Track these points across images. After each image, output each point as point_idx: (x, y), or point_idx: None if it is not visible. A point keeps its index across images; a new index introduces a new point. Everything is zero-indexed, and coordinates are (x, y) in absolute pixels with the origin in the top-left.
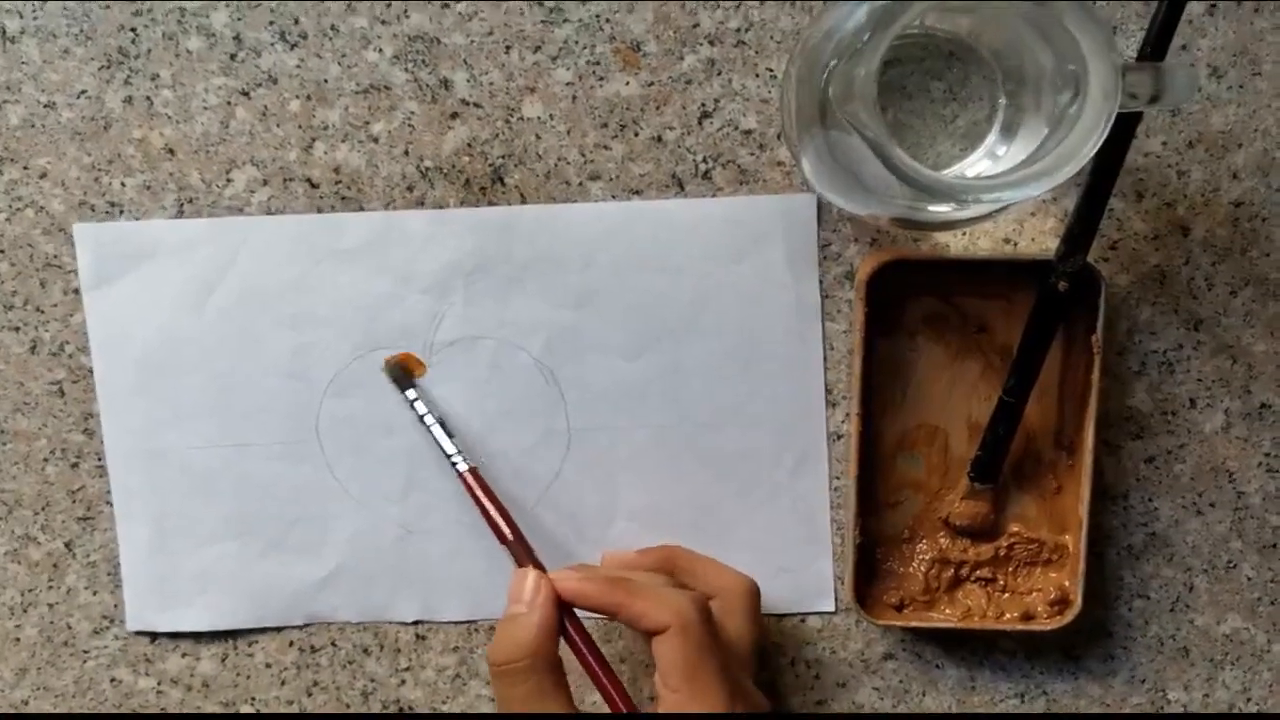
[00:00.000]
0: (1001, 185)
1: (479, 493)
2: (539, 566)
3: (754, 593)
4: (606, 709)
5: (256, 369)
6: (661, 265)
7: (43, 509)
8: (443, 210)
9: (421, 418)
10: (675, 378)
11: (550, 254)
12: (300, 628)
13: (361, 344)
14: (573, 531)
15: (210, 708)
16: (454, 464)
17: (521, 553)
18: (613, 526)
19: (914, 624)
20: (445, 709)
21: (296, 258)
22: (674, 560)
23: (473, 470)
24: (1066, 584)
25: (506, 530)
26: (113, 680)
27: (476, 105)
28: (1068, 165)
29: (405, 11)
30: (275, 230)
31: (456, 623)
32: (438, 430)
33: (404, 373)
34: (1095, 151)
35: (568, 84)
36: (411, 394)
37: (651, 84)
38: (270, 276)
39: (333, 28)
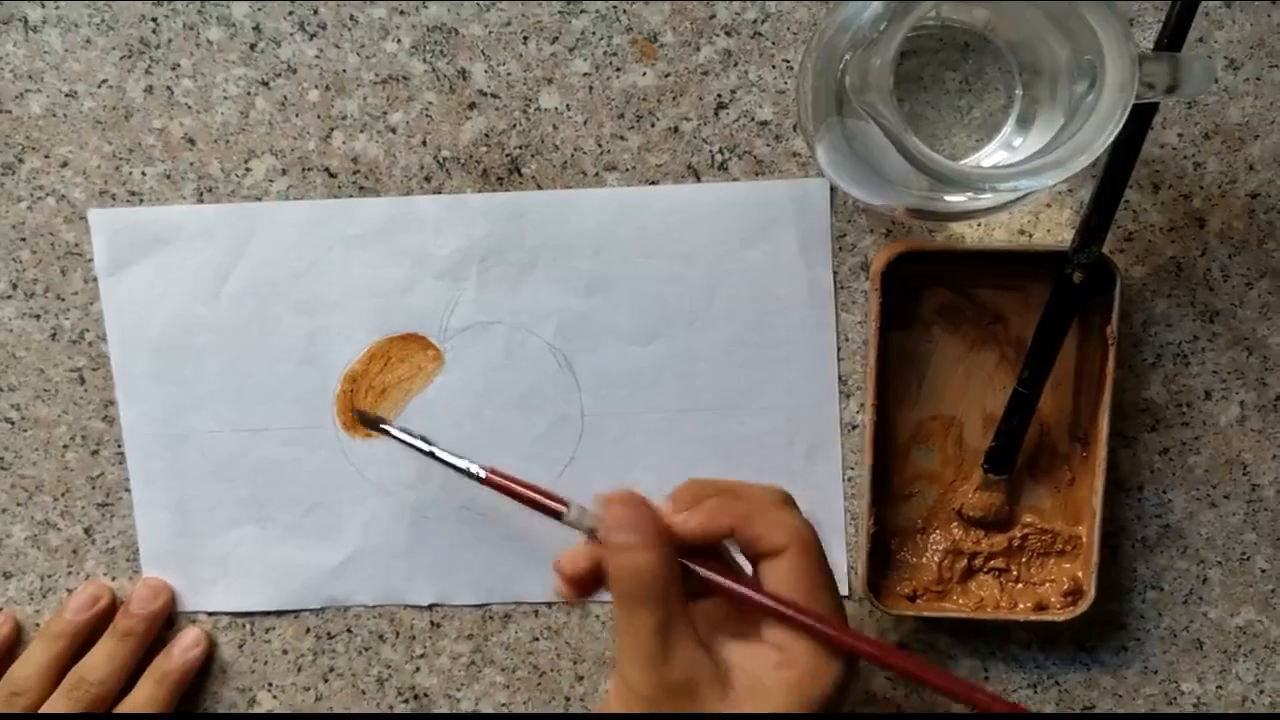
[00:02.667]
0: (1018, 174)
1: (512, 486)
2: (591, 532)
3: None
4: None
5: (271, 354)
6: (673, 251)
7: (63, 495)
8: (456, 195)
9: (425, 453)
10: (688, 363)
11: (562, 240)
12: (316, 613)
13: (375, 329)
14: None
15: (228, 694)
16: (472, 474)
17: (589, 524)
18: None
19: (927, 614)
20: (459, 695)
21: (310, 243)
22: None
23: (491, 470)
24: (1080, 575)
25: (559, 505)
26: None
27: (494, 96)
28: (1084, 155)
29: (424, 2)
30: (288, 216)
31: (472, 607)
32: (442, 454)
33: (373, 416)
34: (1111, 142)
35: (585, 75)
36: (394, 430)
37: (668, 75)
38: (284, 262)
39: (351, 18)
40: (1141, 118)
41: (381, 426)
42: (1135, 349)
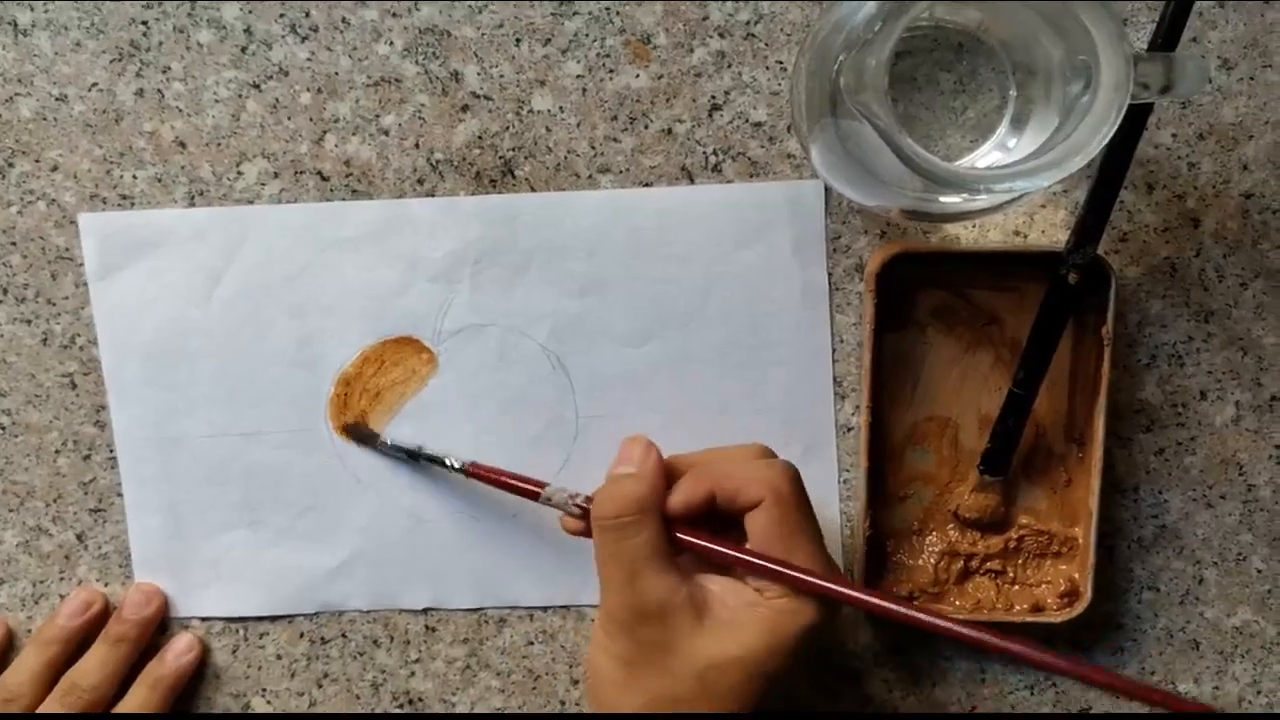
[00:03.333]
0: (1013, 175)
1: (492, 475)
2: (583, 507)
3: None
4: None
5: (264, 357)
6: (667, 252)
7: (54, 501)
8: (448, 198)
9: (409, 455)
10: (682, 365)
11: (556, 242)
12: (310, 618)
13: (369, 332)
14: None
15: (221, 699)
16: (452, 466)
17: (565, 498)
18: None
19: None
20: (455, 700)
21: (302, 246)
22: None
23: (471, 464)
24: (1076, 576)
25: (534, 487)
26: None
27: (487, 98)
28: (1079, 156)
29: (416, 4)
30: (281, 219)
31: (466, 611)
32: (427, 453)
33: (363, 430)
34: (1106, 142)
35: (578, 77)
36: (384, 442)
37: (661, 77)
38: (276, 265)
39: (344, 20)
40: (1136, 118)
41: (375, 444)
42: (1130, 349)
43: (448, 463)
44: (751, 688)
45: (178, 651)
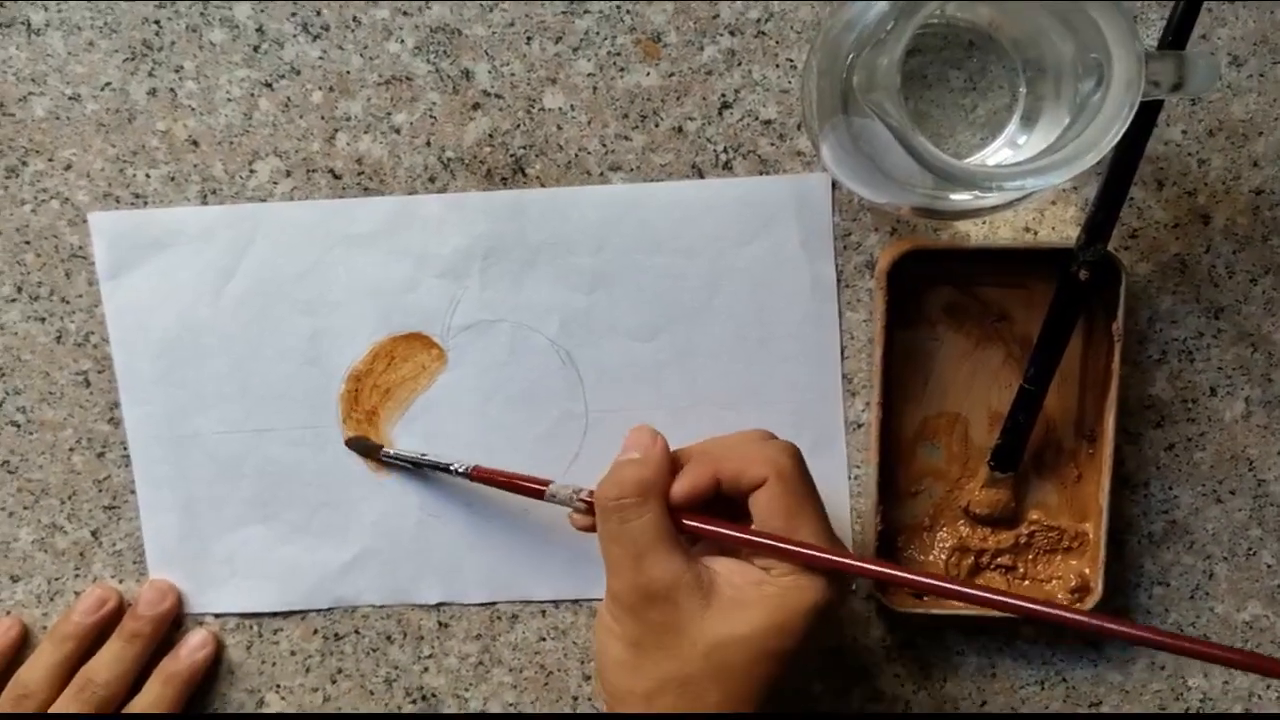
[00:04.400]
0: (1024, 173)
1: (496, 477)
2: (588, 502)
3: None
4: None
5: (275, 354)
6: (674, 247)
7: (69, 498)
8: (457, 194)
9: (412, 464)
10: (690, 359)
11: (563, 237)
12: (324, 614)
13: (378, 328)
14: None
15: (236, 695)
16: (456, 471)
17: (569, 494)
18: None
19: (934, 611)
20: (468, 696)
21: (312, 243)
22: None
23: (475, 468)
24: (1087, 571)
25: (538, 486)
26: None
27: (498, 96)
28: (1090, 153)
29: (427, 3)
30: (290, 216)
31: (479, 607)
32: (429, 461)
33: (367, 442)
34: (1117, 140)
35: (589, 75)
36: (386, 452)
37: (672, 75)
38: (286, 262)
39: (355, 19)
40: (1146, 115)
41: (378, 455)
42: (1140, 345)
43: (452, 468)
44: (760, 668)
45: (192, 647)
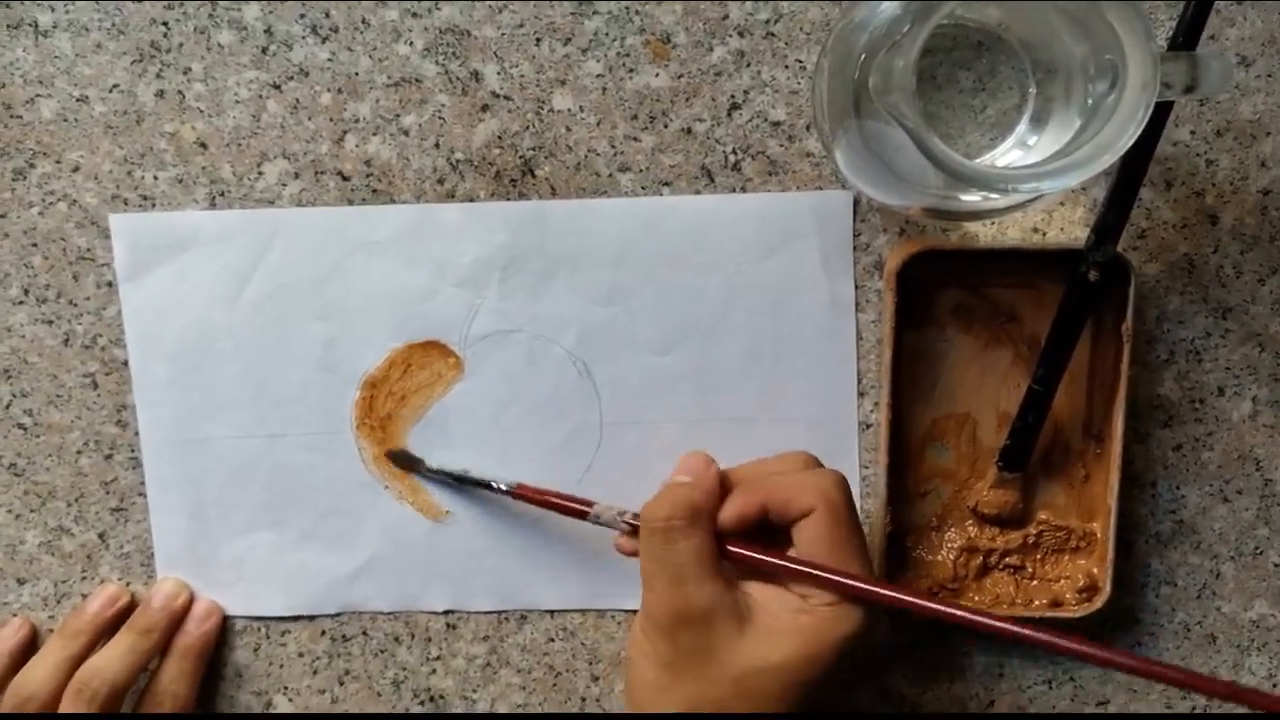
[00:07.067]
0: (1039, 175)
1: (539, 496)
2: (633, 525)
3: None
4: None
5: (290, 360)
6: (695, 262)
7: (76, 500)
8: (476, 203)
9: (455, 479)
10: (706, 373)
11: (582, 249)
12: (332, 617)
13: (395, 336)
14: (606, 529)
15: (244, 697)
16: (499, 489)
17: (614, 515)
18: None
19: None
20: (476, 698)
21: (330, 249)
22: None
23: (519, 485)
24: (1095, 571)
25: (583, 507)
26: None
27: (507, 98)
28: (1105, 155)
29: (436, 4)
30: (309, 221)
31: (487, 613)
32: (473, 477)
33: (409, 455)
34: (1132, 142)
35: (598, 76)
36: (428, 467)
37: (681, 76)
38: (304, 268)
39: (364, 20)
40: (1157, 116)
41: (420, 469)
42: (1148, 345)
43: (494, 485)
44: (790, 695)
45: (199, 618)
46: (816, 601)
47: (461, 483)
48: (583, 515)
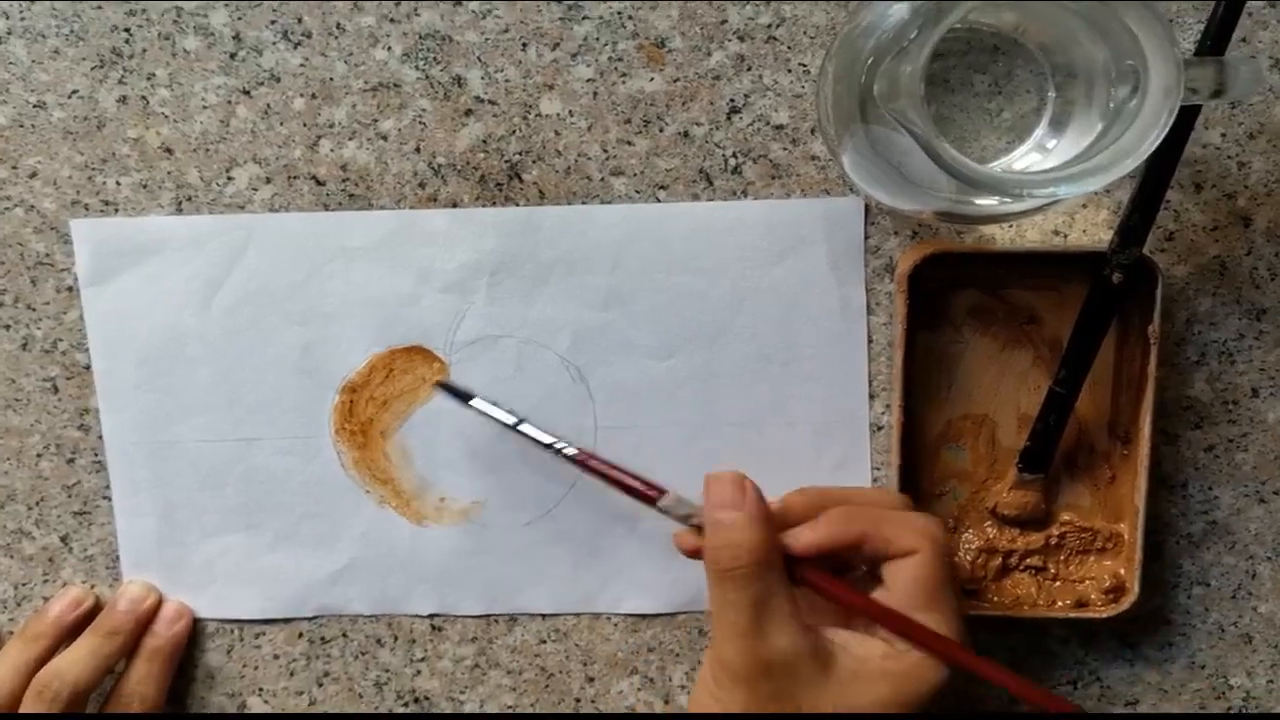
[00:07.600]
0: (1056, 180)
1: (606, 469)
2: (699, 527)
3: None
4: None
5: (265, 364)
6: (695, 266)
7: (37, 504)
8: (464, 209)
9: (516, 424)
10: (708, 378)
11: (577, 255)
12: (310, 619)
13: (377, 341)
14: (599, 529)
15: (216, 698)
16: (559, 452)
17: (684, 513)
18: (641, 523)
19: (964, 612)
20: (463, 699)
21: (306, 255)
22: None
23: (582, 452)
24: (1122, 572)
25: (653, 491)
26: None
27: (492, 102)
28: (1127, 160)
29: (415, 10)
30: (285, 227)
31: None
32: (530, 430)
33: (459, 388)
34: (1155, 147)
35: (588, 80)
36: (478, 402)
37: (677, 80)
38: (281, 273)
39: (338, 26)
40: (1184, 120)
41: (469, 403)
42: (1178, 347)
43: (556, 447)
44: None
45: (169, 620)
46: (904, 647)
47: (513, 430)
48: (651, 501)
